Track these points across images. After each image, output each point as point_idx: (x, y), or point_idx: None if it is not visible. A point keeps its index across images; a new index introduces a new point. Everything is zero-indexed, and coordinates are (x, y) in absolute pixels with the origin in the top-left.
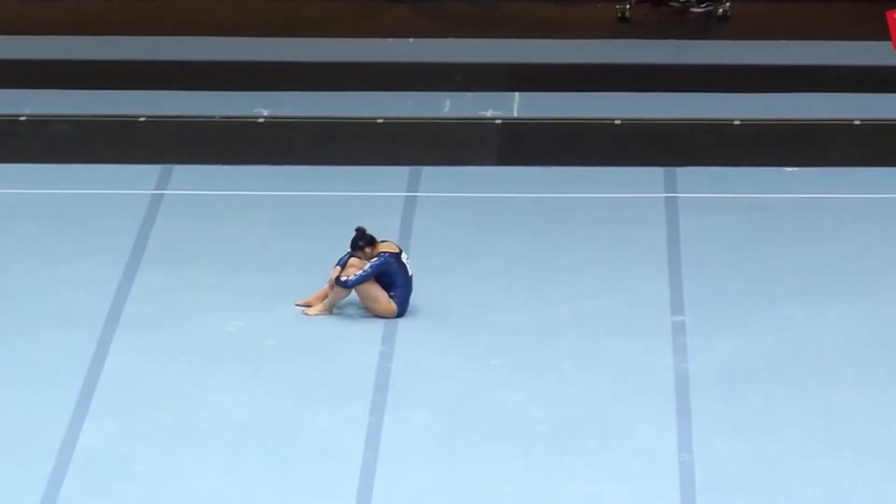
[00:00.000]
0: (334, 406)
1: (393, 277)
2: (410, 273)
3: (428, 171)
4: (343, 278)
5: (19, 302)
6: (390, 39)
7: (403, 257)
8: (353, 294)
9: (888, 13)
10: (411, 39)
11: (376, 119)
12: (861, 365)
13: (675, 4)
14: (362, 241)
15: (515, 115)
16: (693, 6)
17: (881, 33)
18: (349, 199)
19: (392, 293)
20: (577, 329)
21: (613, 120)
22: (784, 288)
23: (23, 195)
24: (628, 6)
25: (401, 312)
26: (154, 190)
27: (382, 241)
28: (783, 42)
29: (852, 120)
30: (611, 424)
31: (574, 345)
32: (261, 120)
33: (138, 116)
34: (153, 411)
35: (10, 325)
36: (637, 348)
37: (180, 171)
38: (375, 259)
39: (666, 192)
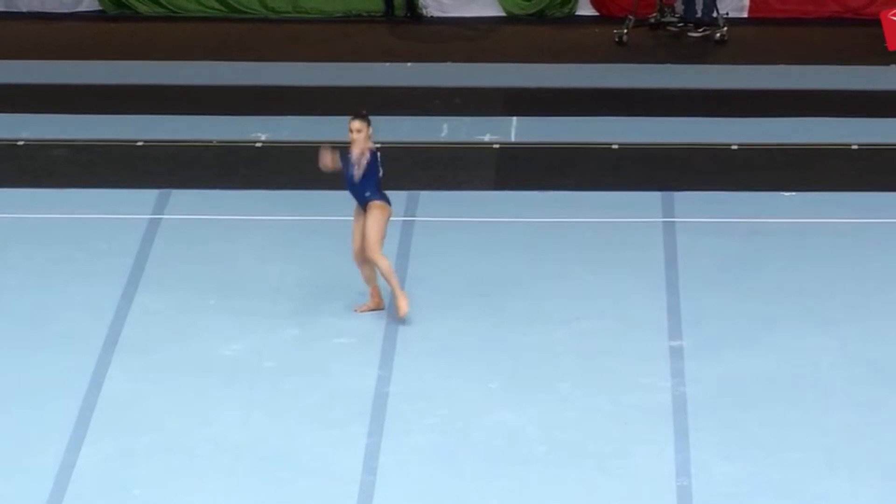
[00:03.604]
0: (332, 427)
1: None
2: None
3: (426, 196)
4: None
5: (17, 324)
6: (388, 64)
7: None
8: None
9: (882, 14)
10: (409, 63)
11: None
12: (858, 386)
13: (673, 29)
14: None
15: (513, 139)
16: (690, 30)
17: (879, 57)
18: (348, 223)
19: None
20: (575, 351)
21: (611, 144)
22: (781, 310)
23: (21, 219)
24: (625, 30)
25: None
26: (152, 214)
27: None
28: (781, 66)
29: (850, 144)
30: (609, 446)
31: (572, 367)
32: (259, 144)
33: (136, 141)
34: (151, 433)
35: (8, 347)
36: (635, 370)
37: (178, 195)
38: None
39: (664, 216)
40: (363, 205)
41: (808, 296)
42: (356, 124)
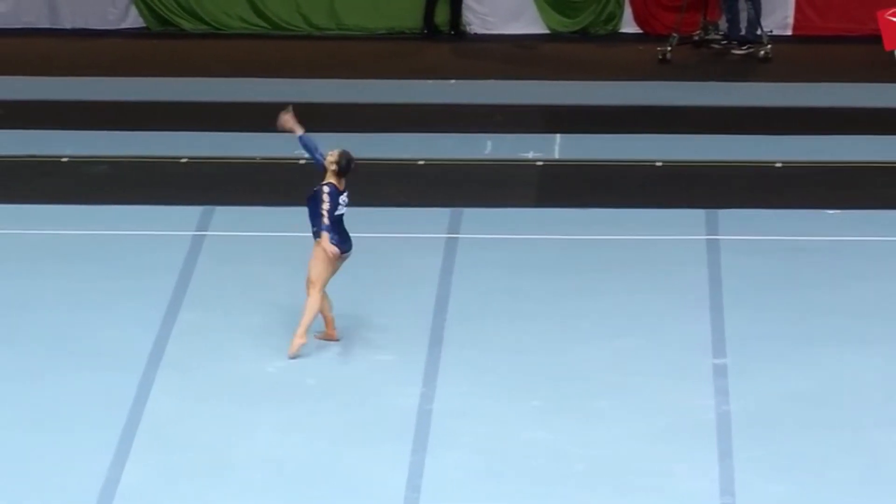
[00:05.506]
0: (374, 445)
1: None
2: (338, 212)
3: (469, 213)
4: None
5: (61, 341)
6: (431, 81)
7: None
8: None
9: (879, 14)
10: (452, 81)
11: (417, 160)
12: None
13: (716, 46)
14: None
15: (556, 156)
16: (734, 48)
17: None
18: (390, 239)
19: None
20: (617, 369)
21: (654, 161)
22: (825, 328)
23: (64, 236)
24: (669, 48)
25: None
26: (196, 231)
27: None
28: (825, 84)
29: (894, 162)
30: (650, 464)
31: (614, 384)
32: (302, 161)
33: (180, 157)
34: (194, 449)
35: (52, 364)
36: (677, 389)
37: (222, 212)
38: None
39: (707, 234)
40: (314, 235)
41: (852, 314)
42: None
